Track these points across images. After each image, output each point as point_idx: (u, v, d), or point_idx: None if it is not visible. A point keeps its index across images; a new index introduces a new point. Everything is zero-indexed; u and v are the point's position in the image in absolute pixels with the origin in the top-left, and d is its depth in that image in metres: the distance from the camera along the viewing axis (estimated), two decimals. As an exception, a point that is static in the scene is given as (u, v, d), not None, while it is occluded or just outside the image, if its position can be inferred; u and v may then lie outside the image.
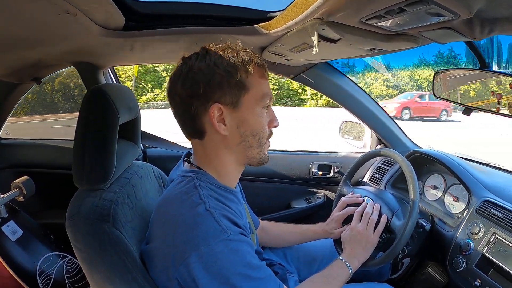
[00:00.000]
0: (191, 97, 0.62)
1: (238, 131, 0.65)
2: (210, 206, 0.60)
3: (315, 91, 1.42)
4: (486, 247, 0.83)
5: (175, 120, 0.69)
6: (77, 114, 0.72)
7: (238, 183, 0.82)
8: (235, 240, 0.58)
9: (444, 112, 12.00)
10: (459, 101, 0.91)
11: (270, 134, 0.71)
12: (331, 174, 1.50)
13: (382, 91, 17.90)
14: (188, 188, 0.63)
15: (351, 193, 1.04)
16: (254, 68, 0.64)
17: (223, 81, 0.61)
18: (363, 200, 0.97)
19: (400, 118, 11.29)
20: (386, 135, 1.41)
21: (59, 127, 6.30)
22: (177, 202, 0.63)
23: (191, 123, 0.65)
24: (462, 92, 0.90)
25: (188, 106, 0.63)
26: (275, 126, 0.70)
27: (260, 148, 0.68)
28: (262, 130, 0.67)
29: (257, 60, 0.64)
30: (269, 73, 0.73)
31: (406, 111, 11.83)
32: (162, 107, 15.36)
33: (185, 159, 0.75)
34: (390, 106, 11.83)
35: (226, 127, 0.64)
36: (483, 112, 0.84)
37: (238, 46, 0.65)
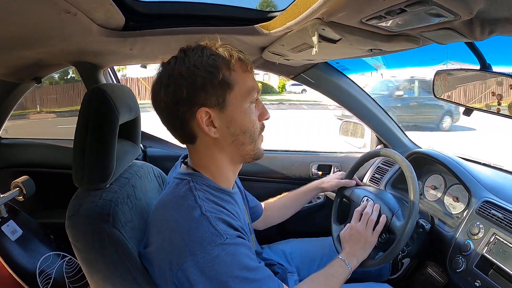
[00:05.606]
0: (176, 103, 0.61)
1: (228, 131, 0.64)
2: (206, 209, 0.59)
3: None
4: (486, 247, 0.83)
5: None
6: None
7: (237, 183, 0.82)
8: (232, 243, 0.57)
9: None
10: (459, 102, 0.91)
11: (262, 127, 0.70)
12: (331, 174, 1.50)
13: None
14: (184, 191, 0.63)
15: (351, 192, 1.04)
16: (236, 64, 0.62)
17: (205, 82, 0.59)
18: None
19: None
20: (386, 135, 1.41)
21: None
22: (173, 206, 0.62)
23: (180, 129, 0.64)
24: (462, 93, 0.90)
25: (174, 112, 0.62)
26: (266, 119, 0.69)
27: (254, 143, 0.67)
28: (253, 126, 0.66)
29: (238, 55, 0.62)
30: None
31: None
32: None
33: (182, 160, 0.75)
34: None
35: (216, 129, 0.63)
36: (483, 113, 0.83)
37: (217, 43, 0.63)
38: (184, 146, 0.70)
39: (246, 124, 0.64)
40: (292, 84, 15.66)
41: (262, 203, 1.06)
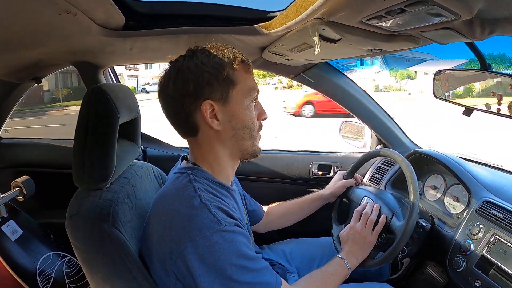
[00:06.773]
0: (183, 96, 0.65)
1: (230, 125, 0.68)
2: (205, 198, 0.61)
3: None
4: (486, 247, 0.83)
5: None
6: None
7: (236, 184, 0.82)
8: (230, 231, 0.59)
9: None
10: (459, 102, 0.91)
11: (260, 126, 0.74)
12: (331, 174, 1.50)
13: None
14: (184, 183, 0.65)
15: (351, 192, 1.04)
16: (239, 64, 0.67)
17: (211, 78, 0.64)
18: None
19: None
20: (386, 135, 1.41)
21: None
22: (173, 197, 0.64)
23: (184, 121, 0.67)
24: (462, 93, 0.90)
25: (180, 105, 0.66)
26: (264, 119, 0.74)
27: (252, 140, 0.71)
28: (252, 122, 0.70)
29: (241, 57, 0.68)
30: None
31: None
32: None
33: (182, 157, 0.77)
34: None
35: (219, 122, 0.67)
36: (484, 113, 0.83)
37: (222, 46, 0.68)
38: (183, 146, 0.71)
39: (247, 119, 0.69)
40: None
41: (265, 208, 1.07)
